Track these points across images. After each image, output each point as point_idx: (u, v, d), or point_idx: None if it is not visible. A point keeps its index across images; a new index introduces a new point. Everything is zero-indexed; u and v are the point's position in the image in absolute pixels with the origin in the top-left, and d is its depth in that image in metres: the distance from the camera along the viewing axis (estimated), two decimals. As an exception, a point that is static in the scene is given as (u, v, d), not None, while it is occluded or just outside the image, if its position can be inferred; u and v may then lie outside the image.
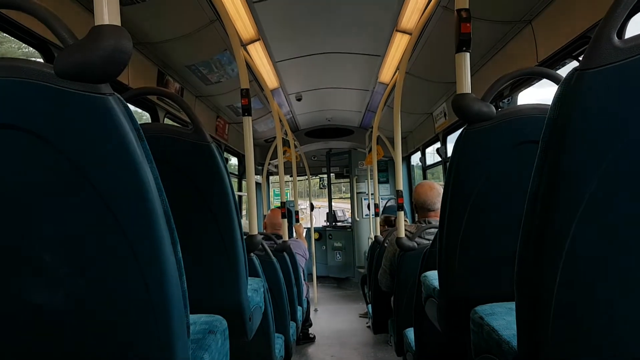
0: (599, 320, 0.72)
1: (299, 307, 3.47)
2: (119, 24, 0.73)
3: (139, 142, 0.73)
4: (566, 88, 0.69)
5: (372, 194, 6.16)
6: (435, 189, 2.68)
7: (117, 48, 0.70)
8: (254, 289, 1.68)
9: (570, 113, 0.68)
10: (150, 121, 3.30)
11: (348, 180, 8.44)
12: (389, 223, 4.73)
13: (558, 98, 0.70)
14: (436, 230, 2.54)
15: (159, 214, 0.75)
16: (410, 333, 2.32)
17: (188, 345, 0.87)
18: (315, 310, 5.96)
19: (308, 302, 4.42)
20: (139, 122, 0.75)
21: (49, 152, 0.71)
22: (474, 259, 1.33)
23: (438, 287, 1.46)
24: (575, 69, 0.69)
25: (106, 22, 0.73)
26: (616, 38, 0.66)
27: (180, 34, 2.89)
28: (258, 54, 3.52)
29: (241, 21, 2.94)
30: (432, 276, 1.64)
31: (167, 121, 3.55)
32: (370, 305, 4.01)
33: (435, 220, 2.62)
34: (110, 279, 0.77)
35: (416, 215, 2.82)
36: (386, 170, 7.53)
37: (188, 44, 3.03)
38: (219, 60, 3.43)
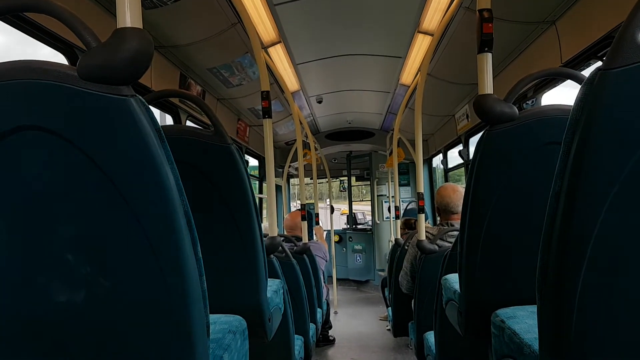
0: (622, 324, 0.71)
1: (318, 309, 3.47)
2: (141, 27, 0.75)
3: (160, 143, 0.74)
4: (589, 88, 0.68)
5: (392, 196, 6.14)
6: (459, 192, 2.66)
7: (139, 50, 0.71)
8: (274, 290, 1.69)
9: (593, 113, 0.67)
10: (172, 123, 3.35)
11: (368, 182, 8.41)
12: (408, 226, 4.70)
13: (581, 98, 0.69)
14: (458, 232, 2.52)
15: (179, 214, 0.76)
16: (430, 337, 2.30)
17: (208, 344, 0.88)
18: (335, 312, 5.94)
19: (328, 305, 4.41)
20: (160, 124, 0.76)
21: (71, 153, 0.72)
22: (495, 261, 1.31)
23: (459, 290, 1.45)
24: (598, 69, 0.67)
25: (128, 25, 0.74)
26: None
27: (202, 37, 2.92)
28: (279, 57, 3.54)
29: (262, 24, 2.96)
30: (453, 279, 1.62)
31: (189, 123, 3.59)
32: (390, 309, 3.99)
33: (458, 222, 2.60)
34: (131, 279, 0.78)
35: (438, 218, 2.80)
36: (407, 173, 7.49)
37: (210, 47, 3.06)
38: (240, 63, 3.46)
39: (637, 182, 0.66)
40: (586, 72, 2.32)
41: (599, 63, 2.35)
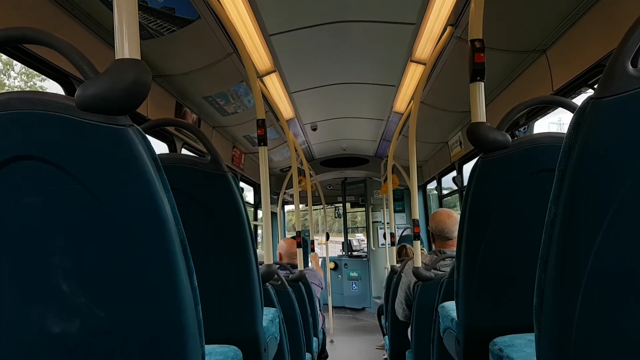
0: (621, 351, 0.70)
1: (314, 338, 3.42)
2: (139, 58, 0.76)
3: (157, 172, 0.75)
4: (581, 117, 0.69)
5: (387, 223, 6.13)
6: (453, 217, 2.65)
7: (137, 81, 0.72)
8: (270, 320, 1.67)
9: (585, 142, 0.68)
10: (167, 152, 3.36)
11: (363, 209, 8.41)
12: (399, 254, 4.67)
13: (573, 127, 0.70)
14: (451, 260, 2.50)
15: (175, 243, 0.76)
16: (428, 366, 2.27)
17: None
18: (331, 341, 5.86)
19: (324, 333, 4.35)
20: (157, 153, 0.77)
21: (68, 182, 0.72)
22: (493, 288, 1.31)
23: (456, 318, 1.44)
24: (589, 98, 0.69)
25: (126, 56, 0.75)
26: (630, 66, 0.66)
27: (198, 66, 2.96)
28: (274, 85, 3.57)
29: (257, 54, 3.00)
30: (450, 307, 1.61)
31: (185, 151, 3.60)
32: (387, 337, 3.94)
33: (451, 250, 2.58)
34: (125, 309, 0.77)
35: (433, 245, 2.78)
36: (402, 199, 7.50)
37: (206, 76, 3.10)
38: (236, 91, 3.50)
39: (630, 208, 0.66)
40: (578, 100, 2.36)
41: (590, 91, 2.39)
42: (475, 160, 1.27)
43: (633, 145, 0.65)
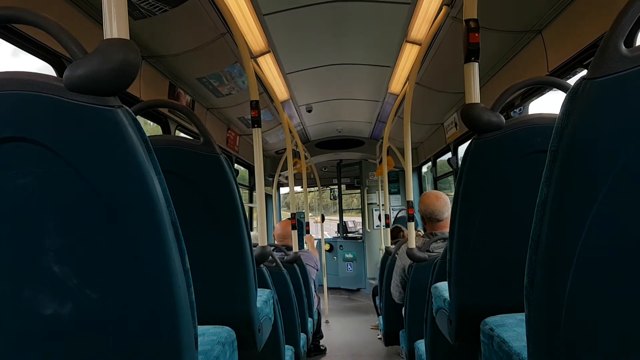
0: (610, 331, 0.71)
1: (309, 319, 3.46)
2: (128, 38, 0.75)
3: (147, 153, 0.74)
4: (574, 97, 0.69)
5: (383, 204, 6.14)
6: (442, 198, 2.65)
7: (125, 61, 0.71)
8: (264, 301, 1.68)
9: (578, 122, 0.67)
10: (161, 133, 3.34)
11: (359, 191, 8.42)
12: (393, 236, 4.69)
13: (566, 107, 0.70)
14: (443, 242, 2.52)
15: (166, 225, 0.76)
16: (421, 345, 2.30)
17: (196, 356, 0.87)
18: (327, 322, 5.92)
19: (319, 314, 4.40)
20: (147, 134, 0.76)
21: (58, 164, 0.72)
22: (484, 269, 1.32)
23: (448, 299, 1.45)
24: (582, 78, 0.68)
25: (115, 35, 0.74)
26: (623, 47, 0.65)
27: (191, 47, 2.92)
28: (268, 66, 3.54)
29: (251, 34, 2.97)
30: (443, 287, 1.62)
31: (179, 133, 3.58)
32: (381, 317, 3.98)
33: (442, 231, 2.60)
34: (117, 290, 0.77)
35: (425, 227, 2.79)
36: (397, 181, 7.52)
37: (199, 56, 3.06)
38: (230, 72, 3.46)
39: (622, 189, 0.66)
40: (572, 80, 2.35)
41: (585, 71, 2.39)
42: (469, 142, 1.27)
43: (625, 126, 0.65)
